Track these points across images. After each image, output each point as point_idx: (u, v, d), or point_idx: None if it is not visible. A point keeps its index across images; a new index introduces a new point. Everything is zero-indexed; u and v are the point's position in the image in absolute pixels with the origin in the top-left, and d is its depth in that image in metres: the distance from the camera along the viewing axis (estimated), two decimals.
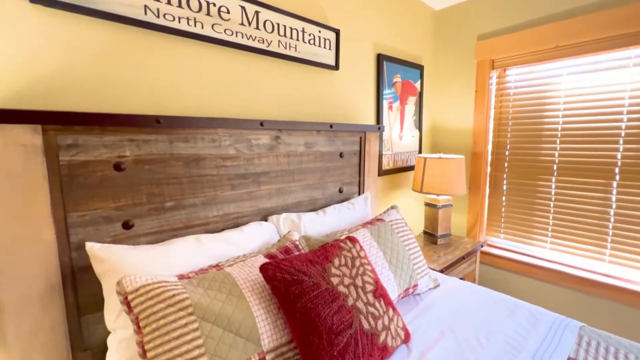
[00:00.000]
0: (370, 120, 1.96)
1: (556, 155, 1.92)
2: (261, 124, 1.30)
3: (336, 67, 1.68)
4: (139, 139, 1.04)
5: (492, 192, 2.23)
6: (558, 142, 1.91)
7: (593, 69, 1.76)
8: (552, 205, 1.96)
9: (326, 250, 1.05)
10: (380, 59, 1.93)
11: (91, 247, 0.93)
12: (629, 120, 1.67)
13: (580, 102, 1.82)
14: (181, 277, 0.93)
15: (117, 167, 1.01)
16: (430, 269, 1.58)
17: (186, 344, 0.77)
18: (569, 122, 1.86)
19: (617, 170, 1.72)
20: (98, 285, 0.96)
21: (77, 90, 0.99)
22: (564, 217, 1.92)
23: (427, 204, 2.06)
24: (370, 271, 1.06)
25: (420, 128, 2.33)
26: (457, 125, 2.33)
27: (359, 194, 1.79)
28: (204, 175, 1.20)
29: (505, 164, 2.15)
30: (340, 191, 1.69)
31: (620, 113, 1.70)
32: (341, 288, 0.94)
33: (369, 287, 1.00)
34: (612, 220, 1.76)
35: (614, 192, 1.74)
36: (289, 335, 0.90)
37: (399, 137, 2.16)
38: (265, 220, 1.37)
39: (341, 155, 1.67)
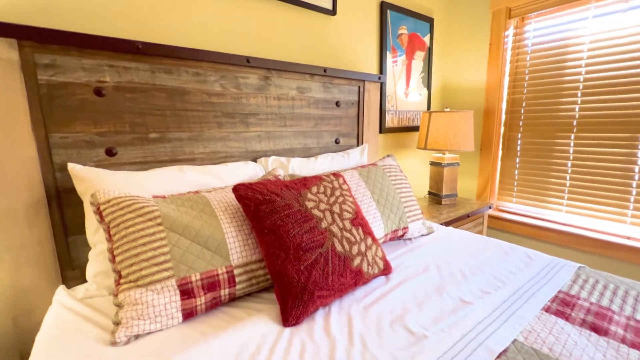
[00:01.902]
0: (372, 71, 1.87)
1: (577, 109, 1.75)
2: (247, 61, 1.27)
3: (333, 11, 1.59)
4: (119, 66, 1.04)
5: (505, 154, 2.09)
6: (579, 94, 1.74)
7: (624, 8, 1.56)
8: (569, 165, 1.81)
9: (305, 180, 1.02)
10: (383, 7, 1.82)
11: (73, 167, 0.95)
12: None
13: (607, 48, 1.63)
14: (156, 197, 0.93)
15: (98, 92, 1.01)
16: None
17: (152, 251, 0.77)
18: (593, 71, 1.68)
19: None
20: (83, 207, 0.99)
21: (57, 10, 0.99)
22: (583, 177, 1.76)
23: (432, 163, 1.96)
24: (351, 202, 1.02)
25: (429, 86, 2.20)
26: (468, 83, 2.18)
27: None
28: (189, 110, 1.19)
29: (520, 123, 1.99)
30: (337, 142, 1.64)
31: None
32: (315, 212, 0.90)
33: (347, 215, 0.96)
34: (636, 177, 1.59)
35: None
36: (260, 254, 0.88)
37: (405, 94, 2.05)
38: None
39: (337, 104, 1.60)
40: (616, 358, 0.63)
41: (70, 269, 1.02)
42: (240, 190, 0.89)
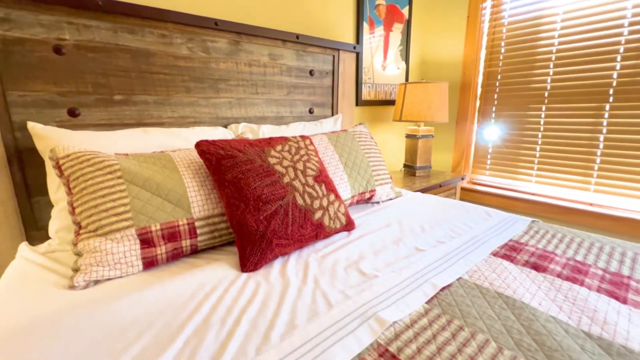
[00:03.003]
0: (348, 42, 1.86)
1: (548, 81, 1.79)
2: (216, 24, 1.25)
3: None
4: (78, 23, 1.01)
5: (481, 127, 2.13)
6: (552, 66, 1.77)
7: None
8: (540, 137, 1.86)
9: (271, 139, 1.03)
10: None
11: (33, 125, 0.94)
12: (630, 33, 1.52)
13: (578, 19, 1.66)
14: (118, 154, 0.93)
15: (57, 50, 0.99)
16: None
17: (112, 202, 0.78)
18: (565, 42, 1.71)
19: (611, 91, 1.59)
20: (45, 167, 0.98)
21: None
22: (551, 147, 1.82)
23: (407, 136, 1.99)
24: (316, 161, 1.03)
25: (407, 60, 2.21)
26: (446, 56, 2.19)
27: None
28: (155, 73, 1.17)
29: (495, 96, 2.03)
30: (311, 112, 1.64)
31: (621, 26, 1.54)
32: (278, 167, 0.92)
33: (311, 172, 0.98)
34: (600, 146, 1.65)
35: (606, 115, 1.62)
36: (223, 209, 0.90)
37: (382, 67, 2.05)
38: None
39: (311, 73, 1.60)
40: (549, 288, 0.68)
41: (35, 229, 1.02)
42: (203, 146, 0.90)
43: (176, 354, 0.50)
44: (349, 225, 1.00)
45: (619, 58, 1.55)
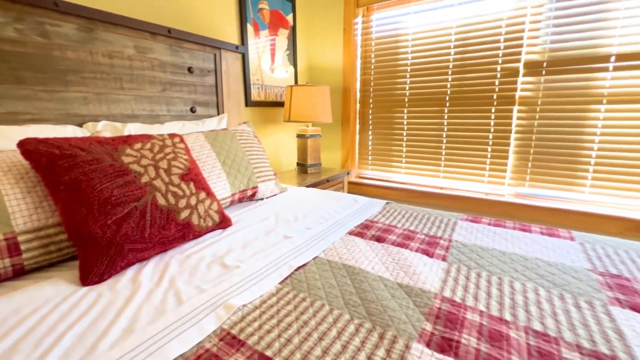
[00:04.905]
0: (233, 42, 1.84)
1: (407, 88, 2.15)
2: (56, 4, 1.06)
3: None
4: None
5: (361, 128, 2.40)
6: (408, 76, 2.13)
7: (432, 7, 1.98)
8: (405, 135, 2.21)
9: (129, 137, 0.94)
10: None
11: None
12: (455, 53, 1.95)
13: (422, 39, 2.04)
14: None
15: None
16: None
17: None
18: (416, 57, 2.08)
19: (447, 98, 2.02)
20: None
21: None
22: (413, 143, 2.19)
23: (298, 136, 2.09)
24: (185, 160, 0.99)
25: (295, 64, 2.32)
26: (330, 63, 2.40)
27: None
28: None
29: (370, 100, 2.32)
30: (193, 110, 1.56)
31: (449, 47, 1.97)
32: (134, 167, 0.84)
33: (177, 171, 0.93)
34: (444, 141, 2.07)
35: (445, 117, 2.04)
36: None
37: (271, 69, 2.11)
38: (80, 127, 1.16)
39: (190, 70, 1.52)
40: (383, 254, 0.81)
41: None
42: (29, 145, 0.75)
43: None
44: (223, 223, 0.99)
45: (449, 72, 1.98)
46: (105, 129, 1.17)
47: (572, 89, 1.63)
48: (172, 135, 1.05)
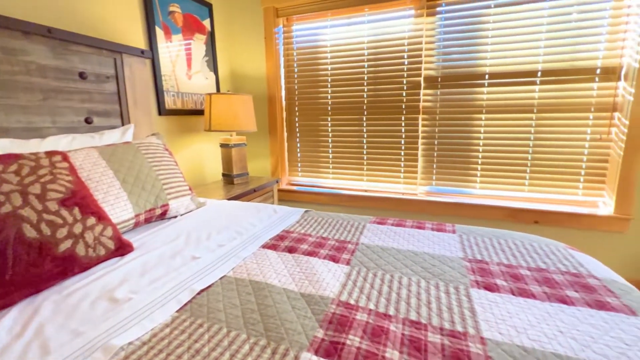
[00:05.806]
0: (138, 45, 1.69)
1: (329, 97, 2.24)
2: None
3: None
4: None
5: (289, 135, 2.41)
6: (329, 86, 2.22)
7: (345, 23, 2.10)
8: (330, 141, 2.30)
9: None
10: None
11: None
12: (369, 66, 2.10)
13: (340, 52, 2.15)
14: None
15: None
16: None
17: None
18: (335, 68, 2.18)
19: (364, 107, 2.16)
20: None
21: None
22: (337, 149, 2.29)
23: (221, 145, 2.01)
24: (68, 182, 0.86)
25: (215, 71, 2.23)
26: (253, 71, 2.36)
27: None
28: None
29: (296, 108, 2.35)
30: (89, 121, 1.38)
31: (363, 60, 2.11)
32: None
33: (54, 195, 0.80)
34: (365, 147, 2.21)
35: (364, 124, 2.18)
36: None
37: (187, 76, 1.99)
38: None
39: (82, 76, 1.34)
40: (292, 265, 0.82)
41: None
42: None
43: None
44: (121, 249, 0.89)
45: (365, 83, 2.13)
46: None
47: (461, 100, 1.90)
48: (50, 154, 0.91)
